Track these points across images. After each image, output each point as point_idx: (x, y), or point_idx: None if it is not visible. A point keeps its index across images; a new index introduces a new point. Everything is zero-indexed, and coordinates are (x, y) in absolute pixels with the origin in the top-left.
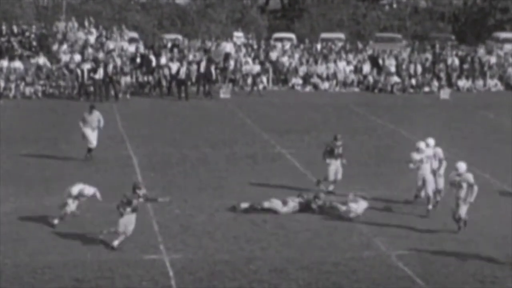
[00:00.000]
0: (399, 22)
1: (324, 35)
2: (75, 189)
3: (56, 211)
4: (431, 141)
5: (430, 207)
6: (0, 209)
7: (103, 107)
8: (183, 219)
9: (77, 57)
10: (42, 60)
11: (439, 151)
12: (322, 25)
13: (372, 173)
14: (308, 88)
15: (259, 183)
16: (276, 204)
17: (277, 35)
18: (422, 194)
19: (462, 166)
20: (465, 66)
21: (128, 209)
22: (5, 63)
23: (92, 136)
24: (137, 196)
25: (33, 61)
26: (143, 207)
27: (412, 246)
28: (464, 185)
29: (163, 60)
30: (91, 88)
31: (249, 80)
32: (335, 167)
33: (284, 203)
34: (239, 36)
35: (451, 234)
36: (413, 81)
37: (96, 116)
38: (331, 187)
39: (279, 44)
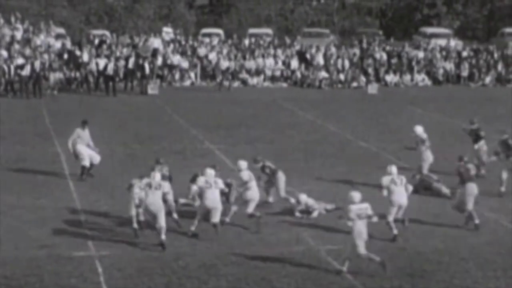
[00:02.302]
0: (326, 17)
1: (252, 30)
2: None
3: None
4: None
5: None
6: None
7: (30, 103)
8: (111, 215)
9: (4, 54)
10: None
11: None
12: (250, 20)
13: (301, 168)
14: (236, 84)
15: (188, 179)
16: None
17: (205, 30)
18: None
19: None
20: (393, 61)
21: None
22: None
23: (87, 152)
24: None
25: None
26: (72, 203)
27: (341, 241)
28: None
29: (85, 56)
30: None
31: (177, 76)
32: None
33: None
34: (168, 31)
35: (379, 229)
36: (341, 76)
37: (88, 132)
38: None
39: (207, 40)
